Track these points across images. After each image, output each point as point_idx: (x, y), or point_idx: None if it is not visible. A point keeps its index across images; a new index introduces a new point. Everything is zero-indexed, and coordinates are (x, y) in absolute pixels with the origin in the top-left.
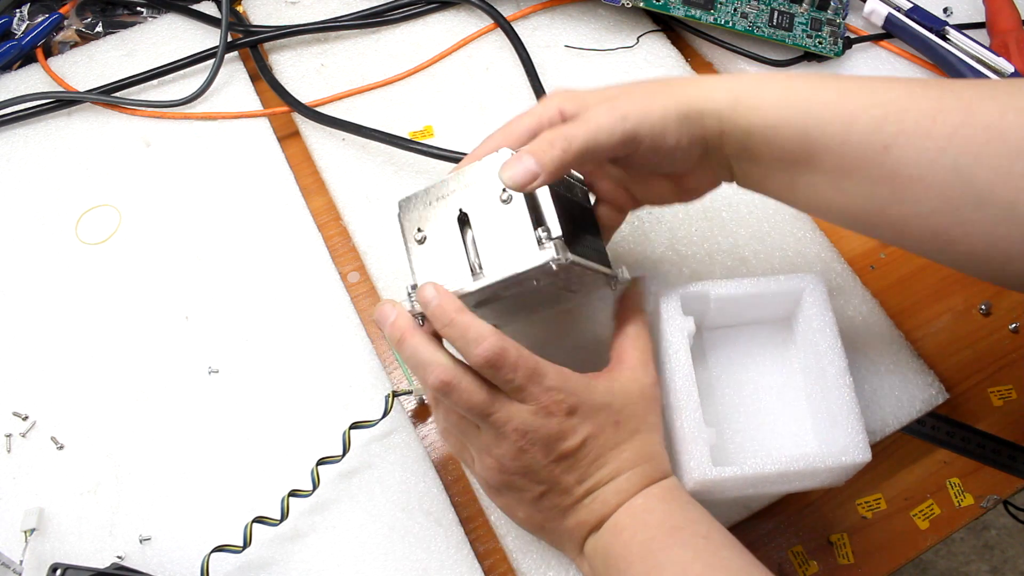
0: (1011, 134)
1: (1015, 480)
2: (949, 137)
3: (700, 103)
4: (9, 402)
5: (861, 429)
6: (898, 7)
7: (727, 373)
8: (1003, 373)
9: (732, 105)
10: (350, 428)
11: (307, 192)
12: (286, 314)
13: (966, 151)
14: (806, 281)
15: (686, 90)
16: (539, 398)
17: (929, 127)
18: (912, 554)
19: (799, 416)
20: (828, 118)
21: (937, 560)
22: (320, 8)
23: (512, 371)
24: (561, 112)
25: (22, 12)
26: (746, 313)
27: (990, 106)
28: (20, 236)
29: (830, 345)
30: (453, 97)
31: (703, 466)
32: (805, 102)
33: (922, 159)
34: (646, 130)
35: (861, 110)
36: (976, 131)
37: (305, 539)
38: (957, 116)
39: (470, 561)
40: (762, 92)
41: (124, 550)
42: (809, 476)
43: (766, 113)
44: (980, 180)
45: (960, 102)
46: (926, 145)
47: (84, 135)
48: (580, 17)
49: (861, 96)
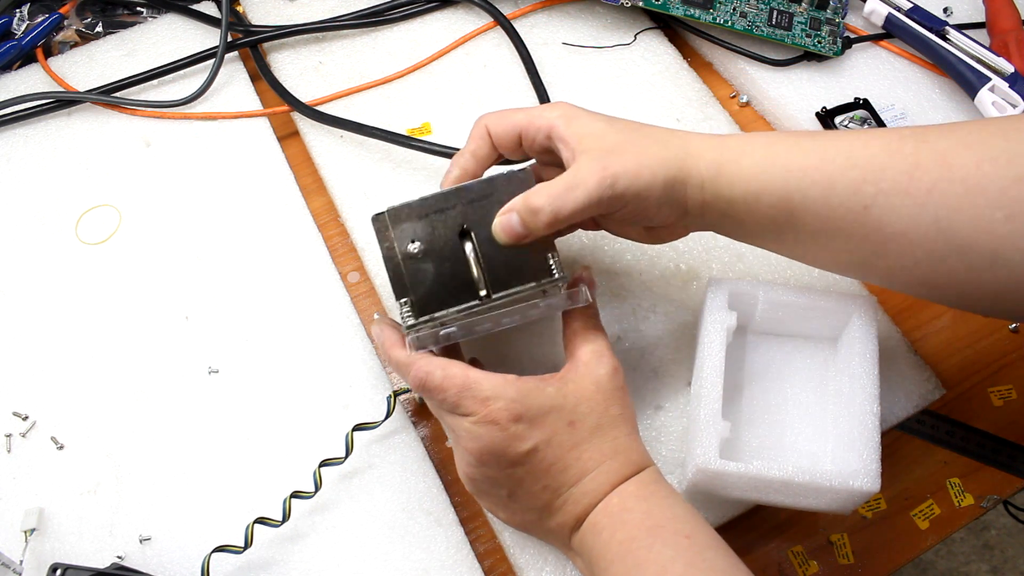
0: (988, 185)
1: (1015, 480)
2: (928, 192)
3: (685, 171)
4: (9, 402)
5: (876, 459)
6: (898, 7)
7: (761, 379)
8: (1003, 373)
9: (714, 176)
10: (353, 430)
11: (307, 192)
12: (286, 314)
13: (945, 205)
14: (858, 303)
15: (675, 152)
16: (476, 410)
17: (907, 185)
18: (912, 554)
19: (822, 437)
20: (808, 184)
21: (937, 560)
22: (319, 7)
23: (441, 391)
24: (550, 139)
25: (22, 12)
26: (793, 324)
27: (966, 158)
28: (20, 236)
29: (866, 371)
30: (451, 94)
31: (709, 455)
32: (784, 170)
33: (902, 216)
34: (632, 195)
35: (840, 173)
36: (953, 185)
37: (305, 539)
38: (934, 172)
39: (470, 561)
40: (743, 159)
41: (124, 550)
42: (813, 493)
43: (748, 183)
44: (961, 232)
45: (936, 156)
46: (905, 203)
47: (84, 135)
48: (578, 15)
49: (839, 158)
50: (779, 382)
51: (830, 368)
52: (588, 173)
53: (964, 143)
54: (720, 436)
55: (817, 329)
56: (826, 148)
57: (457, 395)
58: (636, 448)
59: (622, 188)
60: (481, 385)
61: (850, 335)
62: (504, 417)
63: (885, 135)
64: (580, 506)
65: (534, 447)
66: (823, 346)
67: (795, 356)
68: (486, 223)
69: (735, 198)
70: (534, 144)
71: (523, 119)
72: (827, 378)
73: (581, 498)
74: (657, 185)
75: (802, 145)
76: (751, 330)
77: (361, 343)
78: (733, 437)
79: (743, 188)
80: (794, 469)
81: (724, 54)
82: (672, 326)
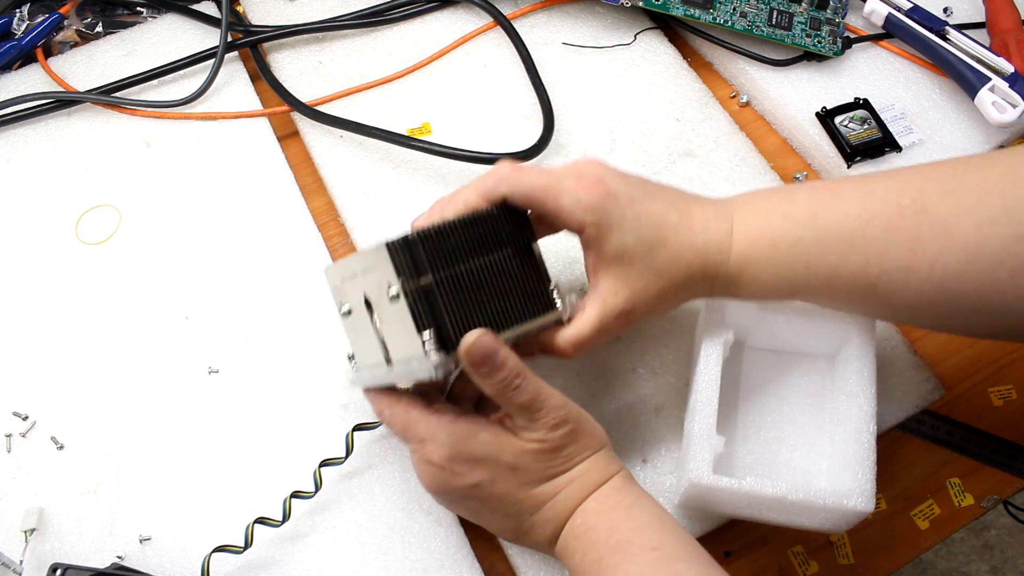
0: (989, 248)
1: (1015, 480)
2: (931, 266)
3: (708, 278)
4: (9, 402)
5: (871, 479)
6: (898, 7)
7: (757, 395)
8: (1003, 373)
9: (735, 278)
10: (353, 430)
11: (307, 192)
12: (286, 314)
13: (948, 274)
14: (856, 321)
15: (700, 262)
16: (415, 449)
17: (909, 261)
18: (912, 554)
19: (817, 455)
20: (812, 276)
21: (937, 560)
22: (319, 7)
23: (390, 425)
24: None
25: (22, 12)
26: (791, 341)
27: (966, 224)
28: (20, 236)
29: (862, 389)
30: (451, 94)
31: (701, 470)
32: (790, 269)
33: (908, 288)
34: (643, 312)
35: (843, 260)
36: (955, 255)
37: (305, 539)
38: (935, 244)
39: (470, 561)
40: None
41: (124, 550)
42: (807, 512)
43: (758, 286)
44: (967, 295)
45: (936, 227)
46: (909, 277)
47: (84, 135)
48: (578, 15)
49: (841, 246)
50: (775, 398)
51: (827, 386)
52: (611, 316)
53: (964, 208)
54: (714, 451)
55: (815, 346)
56: (828, 239)
57: (400, 432)
58: (596, 466)
59: (638, 314)
60: (417, 426)
61: (848, 353)
62: (437, 458)
63: (885, 208)
64: (547, 530)
65: (477, 483)
66: (820, 363)
67: (792, 373)
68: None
69: (747, 293)
70: (545, 216)
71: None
72: (824, 396)
73: (544, 524)
74: (675, 305)
75: (804, 237)
76: (748, 345)
77: None
78: (727, 452)
79: (755, 289)
80: (787, 487)
81: (724, 54)
82: (672, 326)
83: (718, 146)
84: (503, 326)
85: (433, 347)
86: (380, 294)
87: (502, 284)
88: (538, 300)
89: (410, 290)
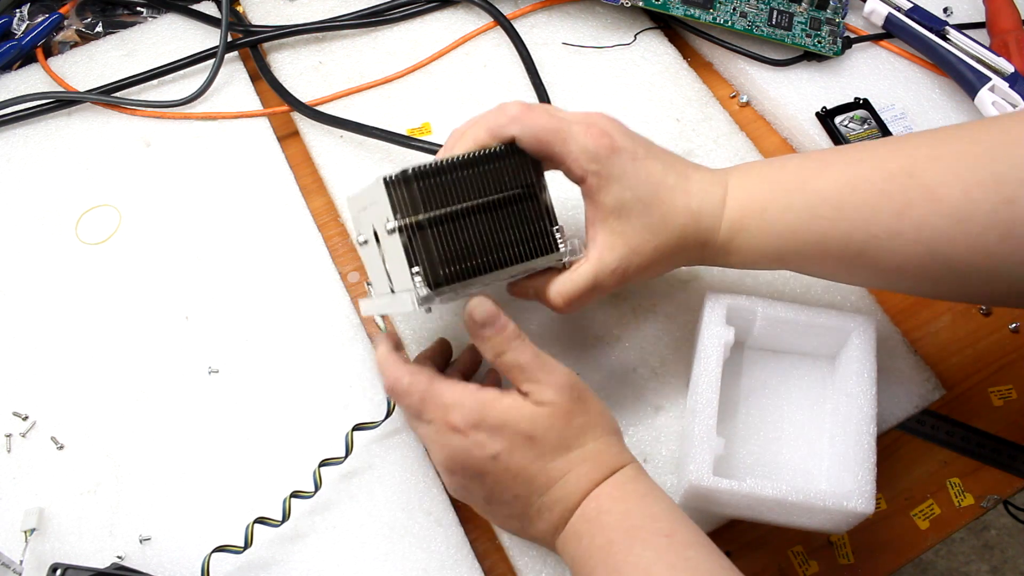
0: (976, 212)
1: (1015, 480)
2: (918, 229)
3: (700, 242)
4: (9, 402)
5: (871, 480)
6: (898, 7)
7: (757, 396)
8: (1003, 373)
9: (726, 245)
10: (353, 430)
11: (307, 192)
12: (286, 314)
13: (937, 237)
14: (857, 322)
15: (694, 226)
16: (436, 418)
17: (897, 226)
18: (912, 554)
19: (817, 456)
20: (801, 243)
21: (937, 560)
22: (319, 7)
23: (406, 396)
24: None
25: (22, 12)
26: (791, 341)
27: (954, 188)
28: (20, 236)
29: (863, 390)
30: (451, 94)
31: (702, 471)
32: (778, 238)
33: (897, 253)
34: (637, 271)
35: (831, 226)
36: (944, 218)
37: (305, 539)
38: (923, 207)
39: (470, 561)
40: (749, 226)
41: (124, 550)
42: (807, 513)
43: (747, 254)
44: (957, 258)
45: (925, 192)
46: (897, 242)
47: (84, 135)
48: (578, 15)
49: (829, 212)
50: (776, 399)
51: (827, 386)
52: (606, 272)
53: (952, 172)
54: (714, 452)
55: (815, 347)
56: (816, 206)
57: (420, 401)
58: (609, 450)
59: (633, 271)
60: (443, 393)
61: (849, 354)
62: (463, 423)
63: (872, 174)
64: (555, 514)
65: (495, 454)
66: (821, 364)
67: (792, 373)
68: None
69: (737, 261)
70: (550, 158)
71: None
72: (824, 396)
73: (553, 506)
74: (665, 258)
75: (793, 205)
76: (748, 346)
77: (361, 343)
78: (727, 454)
79: (744, 256)
80: (787, 488)
81: (724, 54)
82: (672, 326)
83: (718, 146)
84: (497, 266)
85: (422, 283)
86: (382, 227)
87: (502, 223)
88: (540, 241)
89: (404, 226)
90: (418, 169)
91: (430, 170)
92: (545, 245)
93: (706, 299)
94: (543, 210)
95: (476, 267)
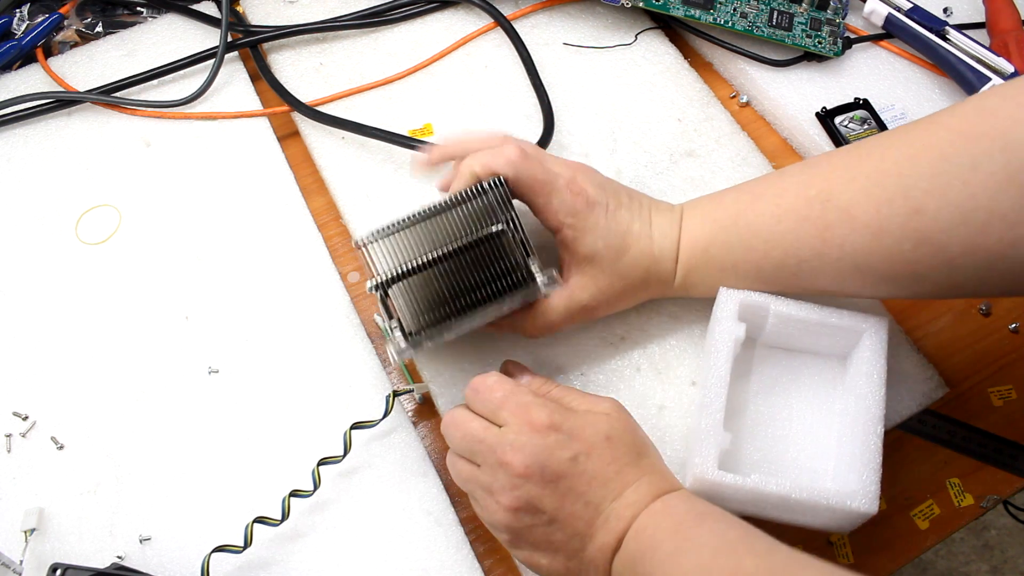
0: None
1: (1015, 480)
2: (840, 248)
3: (665, 275)
4: (9, 402)
5: (875, 481)
6: (898, 7)
7: (767, 393)
8: (1003, 373)
9: (683, 281)
10: (351, 428)
11: (307, 192)
12: (286, 314)
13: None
14: (869, 323)
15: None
16: (515, 417)
17: (821, 247)
18: (912, 554)
19: (824, 455)
20: (743, 272)
21: (937, 560)
22: (319, 7)
23: (490, 391)
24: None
25: (22, 12)
26: (803, 340)
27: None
28: (20, 236)
29: (872, 391)
30: (452, 95)
31: (706, 465)
32: (719, 270)
33: (827, 272)
34: (605, 308)
35: (763, 256)
36: (861, 236)
37: (305, 539)
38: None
39: (470, 561)
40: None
41: (124, 550)
42: (811, 511)
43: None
44: (879, 270)
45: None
46: (824, 262)
47: (84, 135)
48: (579, 16)
49: (761, 245)
50: (785, 397)
51: (837, 386)
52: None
53: (864, 191)
54: (720, 447)
55: (826, 346)
56: (749, 240)
57: (503, 397)
58: (669, 473)
59: (602, 313)
60: (524, 393)
61: (859, 354)
62: (545, 422)
63: (795, 202)
64: (624, 520)
65: (574, 456)
66: (832, 363)
67: (803, 372)
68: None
69: (697, 293)
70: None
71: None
72: (833, 396)
73: (624, 511)
74: (634, 302)
75: (730, 241)
76: (760, 343)
77: (361, 343)
78: (734, 449)
79: (700, 290)
80: (792, 485)
81: (724, 54)
82: (676, 325)
83: (720, 146)
84: (474, 306)
85: (400, 335)
86: (370, 282)
87: (479, 262)
88: (516, 275)
89: (377, 284)
90: (392, 225)
91: (404, 223)
92: (521, 278)
93: (719, 294)
94: (519, 243)
95: (451, 312)
